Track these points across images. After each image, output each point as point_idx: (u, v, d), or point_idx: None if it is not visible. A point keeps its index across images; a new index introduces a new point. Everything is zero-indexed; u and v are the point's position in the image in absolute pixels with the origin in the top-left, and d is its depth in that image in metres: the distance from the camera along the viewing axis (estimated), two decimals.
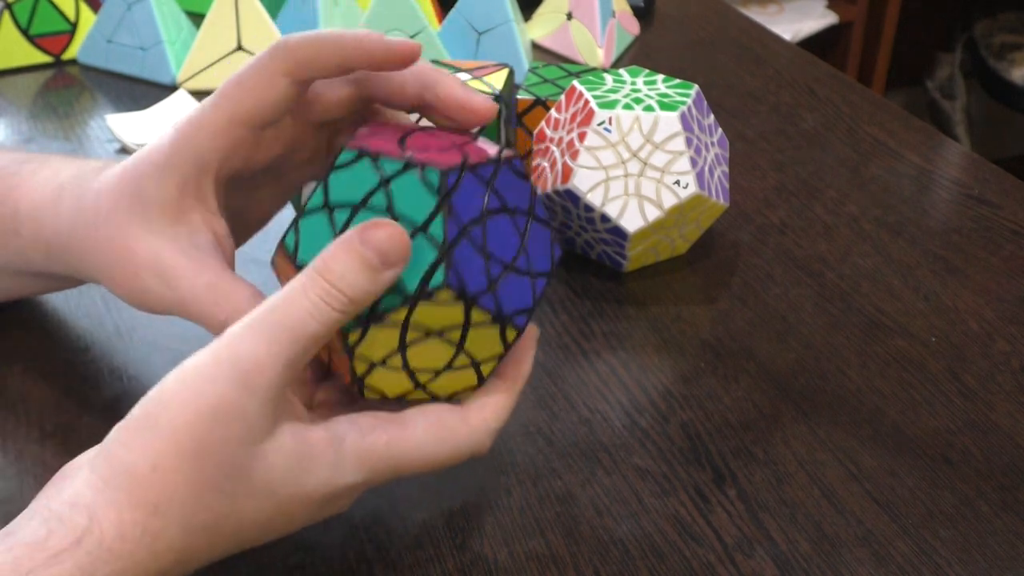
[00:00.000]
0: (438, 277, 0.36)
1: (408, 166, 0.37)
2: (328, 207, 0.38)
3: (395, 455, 0.38)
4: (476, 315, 0.37)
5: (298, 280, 0.35)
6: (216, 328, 0.41)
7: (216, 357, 0.35)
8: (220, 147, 0.42)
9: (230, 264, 0.44)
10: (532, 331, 0.41)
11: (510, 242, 0.38)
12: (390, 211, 0.37)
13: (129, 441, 0.35)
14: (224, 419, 0.34)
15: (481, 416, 0.39)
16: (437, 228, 0.36)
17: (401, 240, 0.35)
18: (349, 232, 0.36)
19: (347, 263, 0.35)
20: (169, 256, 0.42)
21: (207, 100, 0.42)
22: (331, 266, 0.35)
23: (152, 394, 0.35)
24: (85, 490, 0.34)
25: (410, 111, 0.44)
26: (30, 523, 0.34)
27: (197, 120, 0.42)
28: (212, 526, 0.35)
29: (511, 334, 0.38)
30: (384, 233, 0.35)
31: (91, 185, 0.45)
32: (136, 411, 0.35)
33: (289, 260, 0.38)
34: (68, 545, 0.33)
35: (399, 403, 0.39)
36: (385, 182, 0.37)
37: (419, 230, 0.36)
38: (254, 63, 0.41)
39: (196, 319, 0.42)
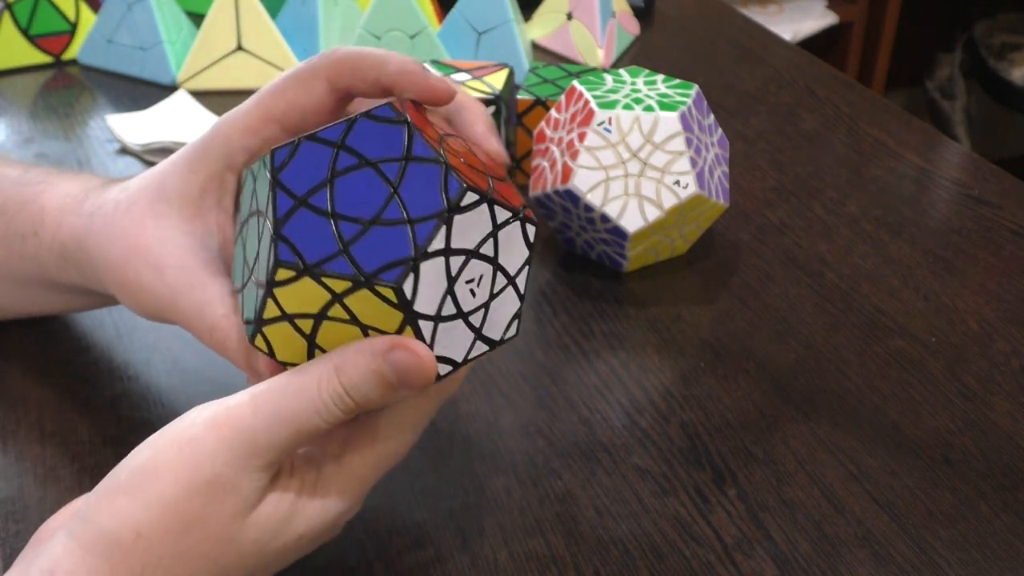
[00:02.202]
0: (273, 257, 0.34)
1: (265, 158, 0.35)
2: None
3: (371, 476, 0.37)
4: (334, 284, 0.34)
5: (314, 373, 0.34)
6: (204, 336, 0.40)
7: (217, 432, 0.34)
8: (250, 144, 0.42)
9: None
10: None
11: (372, 196, 0.35)
12: (256, 210, 0.35)
13: (111, 507, 0.34)
14: (218, 494, 0.34)
15: (421, 423, 0.39)
16: (270, 209, 0.34)
17: (424, 366, 0.34)
18: (378, 340, 0.34)
19: (365, 374, 0.34)
20: (175, 253, 0.42)
21: (246, 101, 0.42)
22: (349, 371, 0.34)
23: (142, 459, 0.34)
24: (64, 559, 0.34)
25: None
26: None
27: (232, 117, 0.42)
28: None
29: (388, 292, 0.34)
30: (408, 356, 0.34)
31: (119, 185, 0.45)
32: (123, 476, 0.34)
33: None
34: None
35: None
36: (253, 179, 0.36)
37: (263, 216, 0.35)
38: (299, 66, 0.41)
39: (183, 320, 0.41)
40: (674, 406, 0.50)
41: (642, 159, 0.55)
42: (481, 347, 0.37)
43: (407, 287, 0.34)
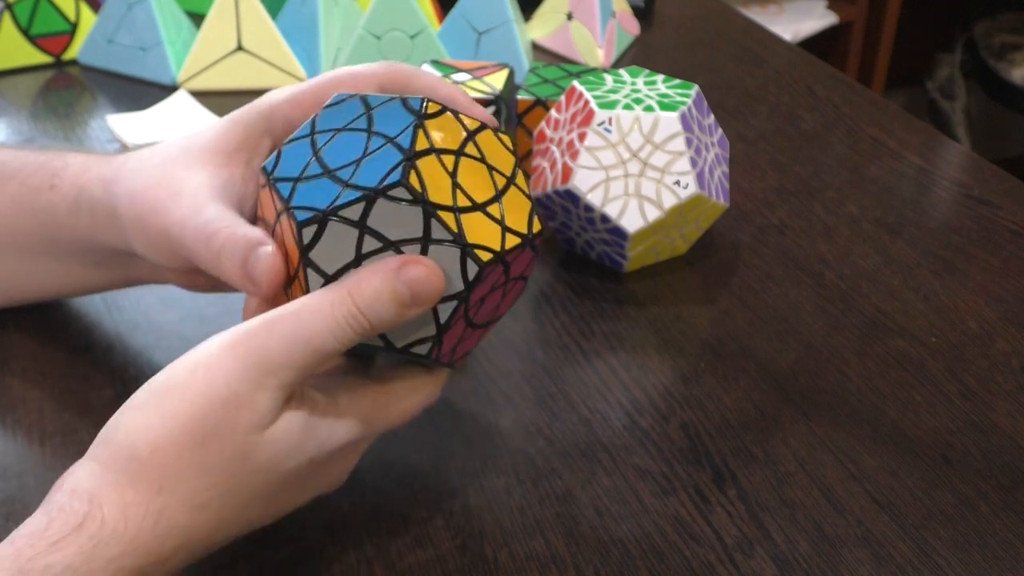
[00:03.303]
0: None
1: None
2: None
3: (386, 406, 0.39)
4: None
5: (327, 294, 0.36)
6: (201, 248, 0.41)
7: (232, 352, 0.35)
8: (293, 116, 0.44)
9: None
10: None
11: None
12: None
13: (128, 425, 0.35)
14: (235, 410, 0.35)
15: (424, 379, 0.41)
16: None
17: (436, 282, 0.36)
18: (388, 260, 0.36)
19: (379, 293, 0.35)
20: (194, 183, 0.42)
21: (303, 82, 0.45)
22: (363, 290, 0.35)
23: (158, 381, 0.36)
24: (85, 478, 0.34)
25: None
26: (34, 517, 0.34)
27: (284, 90, 0.44)
28: (217, 506, 0.35)
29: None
30: (422, 271, 0.36)
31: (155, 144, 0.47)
32: (138, 397, 0.36)
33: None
34: (69, 531, 0.33)
35: None
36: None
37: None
38: (360, 66, 0.44)
39: (187, 240, 0.42)
40: (674, 406, 0.50)
41: (642, 159, 0.55)
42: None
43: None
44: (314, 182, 0.37)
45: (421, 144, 0.37)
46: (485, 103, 0.64)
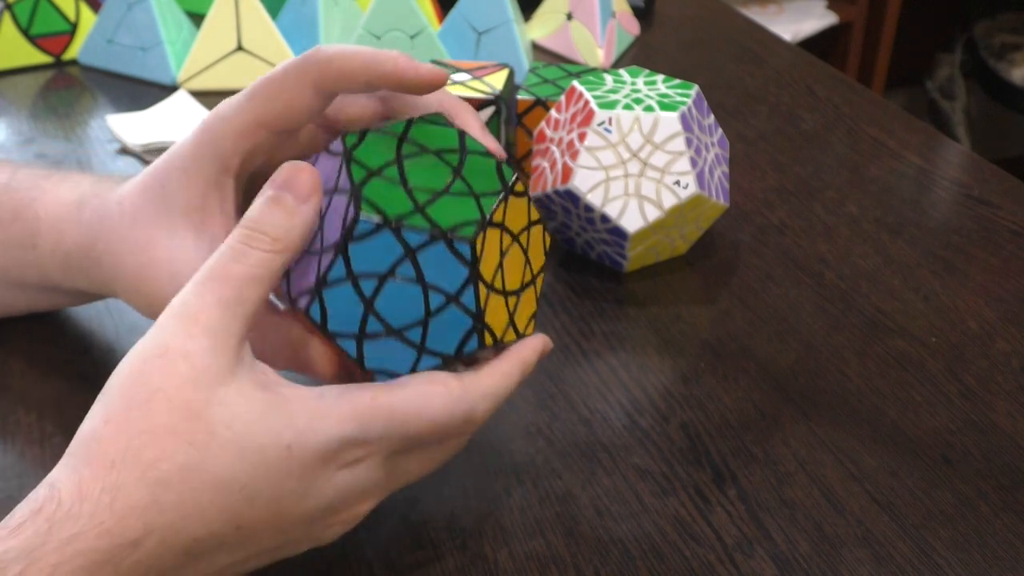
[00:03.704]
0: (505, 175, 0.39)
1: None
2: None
3: (383, 406, 0.36)
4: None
5: (225, 235, 0.37)
6: None
7: (163, 314, 0.35)
8: (243, 148, 0.42)
9: None
10: (539, 339, 0.41)
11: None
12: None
13: (90, 412, 0.35)
14: (170, 362, 0.34)
15: (478, 379, 0.38)
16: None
17: (305, 170, 0.37)
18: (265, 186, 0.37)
19: (259, 206, 0.36)
20: (189, 262, 0.42)
21: (233, 99, 0.42)
22: (249, 213, 0.36)
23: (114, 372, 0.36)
24: (57, 470, 0.34)
25: None
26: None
27: (221, 120, 0.42)
28: (178, 481, 0.33)
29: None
30: (287, 171, 0.37)
31: (114, 193, 0.45)
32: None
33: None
34: (28, 516, 0.32)
35: None
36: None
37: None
38: (286, 68, 0.41)
39: None
40: (674, 406, 0.50)
41: (642, 159, 0.55)
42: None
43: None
44: (382, 342, 0.37)
45: (482, 297, 0.37)
46: (485, 103, 0.64)
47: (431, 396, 0.37)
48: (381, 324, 0.37)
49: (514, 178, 0.38)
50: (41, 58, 0.85)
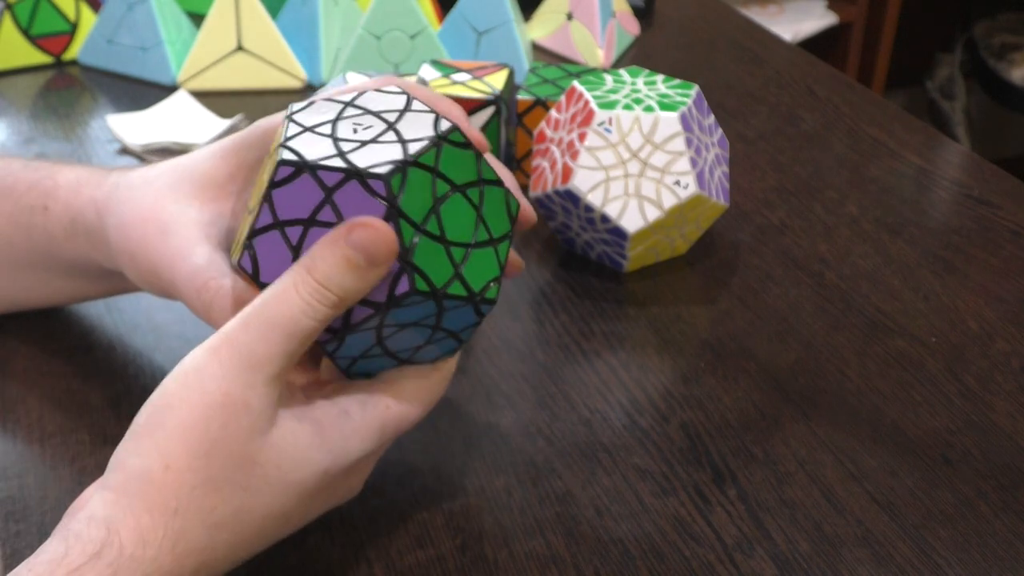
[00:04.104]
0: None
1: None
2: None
3: (395, 416, 0.39)
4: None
5: (289, 277, 0.36)
6: (192, 296, 0.41)
7: (217, 356, 0.35)
8: None
9: None
10: None
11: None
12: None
13: (138, 448, 0.35)
14: (232, 414, 0.35)
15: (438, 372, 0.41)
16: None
17: (382, 236, 0.36)
18: (335, 231, 0.36)
19: (333, 263, 0.35)
20: (183, 219, 0.42)
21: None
22: (318, 265, 0.36)
23: (155, 399, 0.35)
24: (99, 506, 0.34)
25: None
26: (50, 544, 0.34)
27: (276, 118, 0.44)
28: (232, 522, 0.35)
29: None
30: (365, 232, 0.35)
31: (147, 166, 0.46)
32: (141, 419, 0.35)
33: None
34: (87, 559, 0.33)
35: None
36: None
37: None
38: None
39: (177, 281, 0.42)
40: (674, 406, 0.50)
41: (642, 159, 0.55)
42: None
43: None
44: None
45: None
46: (485, 103, 0.64)
47: (421, 395, 0.41)
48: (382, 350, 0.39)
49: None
50: (41, 58, 0.85)
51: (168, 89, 0.81)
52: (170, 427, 0.34)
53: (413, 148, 0.37)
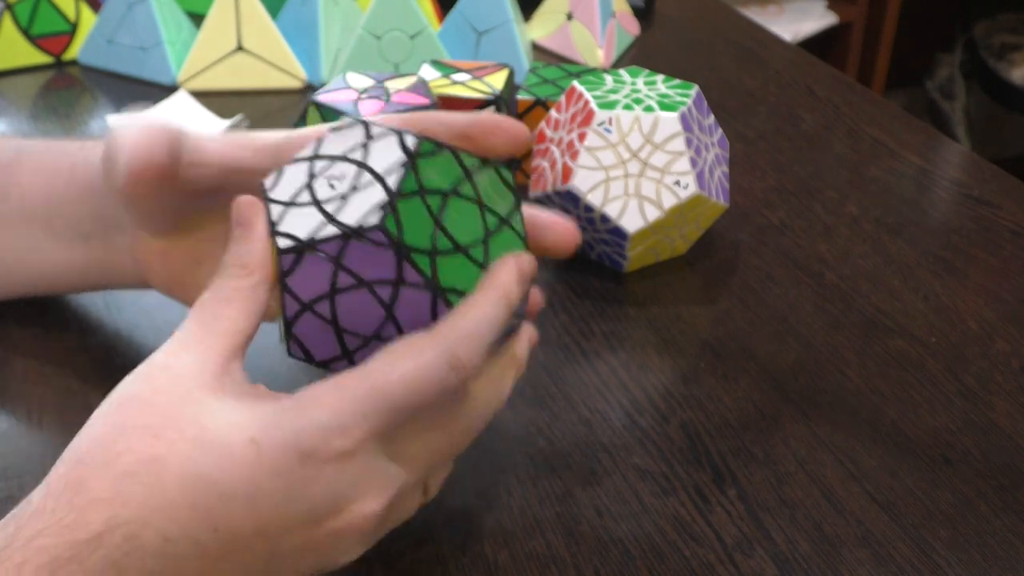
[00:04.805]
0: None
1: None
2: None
3: (349, 387, 0.34)
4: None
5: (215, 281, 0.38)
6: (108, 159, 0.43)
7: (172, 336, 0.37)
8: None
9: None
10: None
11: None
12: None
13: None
14: (150, 372, 0.35)
15: (450, 322, 0.36)
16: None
17: (241, 203, 0.39)
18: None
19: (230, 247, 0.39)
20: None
21: None
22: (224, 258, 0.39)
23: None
24: (38, 491, 0.33)
25: None
26: None
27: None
28: (144, 473, 0.32)
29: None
30: (233, 207, 0.39)
31: None
32: None
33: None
34: (5, 521, 0.32)
35: None
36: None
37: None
38: (309, 133, 0.44)
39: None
40: (674, 406, 0.50)
41: (642, 159, 0.55)
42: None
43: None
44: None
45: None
46: (485, 103, 0.64)
47: (398, 357, 0.34)
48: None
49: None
50: (41, 58, 0.85)
51: (168, 89, 0.81)
52: (104, 402, 0.35)
53: (392, 181, 0.36)
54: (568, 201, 0.57)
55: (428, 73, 0.66)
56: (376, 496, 0.35)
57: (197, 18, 0.90)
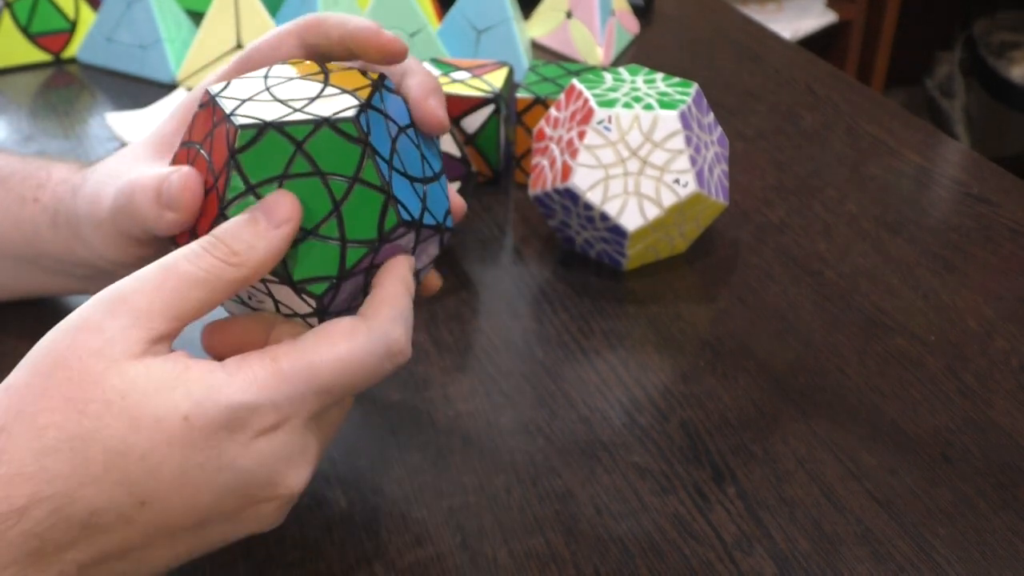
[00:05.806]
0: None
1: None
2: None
3: (285, 370, 0.34)
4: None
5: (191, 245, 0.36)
6: (129, 214, 0.41)
7: (94, 298, 0.35)
8: None
9: None
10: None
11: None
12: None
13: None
14: (81, 331, 0.33)
15: (376, 309, 0.37)
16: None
17: (291, 201, 0.36)
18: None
19: (234, 219, 0.36)
20: (143, 167, 0.42)
21: (233, 59, 0.45)
22: (223, 225, 0.36)
23: None
24: None
25: None
26: None
27: (221, 71, 0.44)
28: (67, 449, 0.32)
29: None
30: (272, 194, 0.36)
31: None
32: None
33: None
34: None
35: None
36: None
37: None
38: (277, 28, 0.44)
39: (116, 210, 0.41)
40: (674, 404, 0.50)
41: (642, 157, 0.55)
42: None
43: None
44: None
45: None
46: (484, 101, 0.64)
47: (335, 340, 0.35)
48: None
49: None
50: (41, 56, 0.85)
51: (167, 87, 0.81)
52: (28, 354, 0.33)
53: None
54: (568, 199, 0.57)
55: None
56: (302, 469, 0.36)
57: (196, 16, 0.90)
